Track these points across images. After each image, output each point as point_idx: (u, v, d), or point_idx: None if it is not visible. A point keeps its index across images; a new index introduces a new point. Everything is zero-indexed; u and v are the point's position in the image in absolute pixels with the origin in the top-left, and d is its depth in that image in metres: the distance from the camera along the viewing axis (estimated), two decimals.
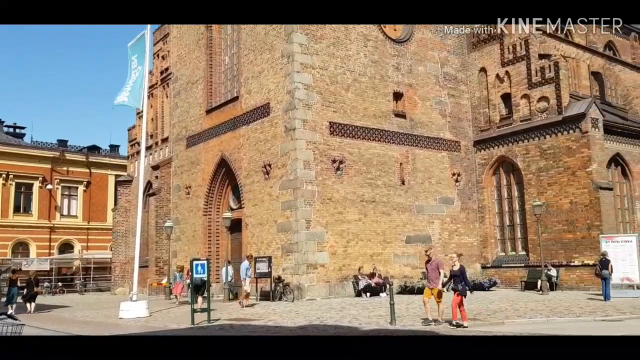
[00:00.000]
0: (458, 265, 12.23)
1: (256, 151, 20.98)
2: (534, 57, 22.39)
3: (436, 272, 12.19)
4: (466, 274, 12.36)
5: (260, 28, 21.24)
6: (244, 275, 17.60)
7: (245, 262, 18.00)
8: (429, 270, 12.46)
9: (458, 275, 12.03)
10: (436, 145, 22.78)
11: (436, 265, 12.28)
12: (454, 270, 12.18)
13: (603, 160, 21.01)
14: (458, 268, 12.14)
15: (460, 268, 12.17)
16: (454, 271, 12.19)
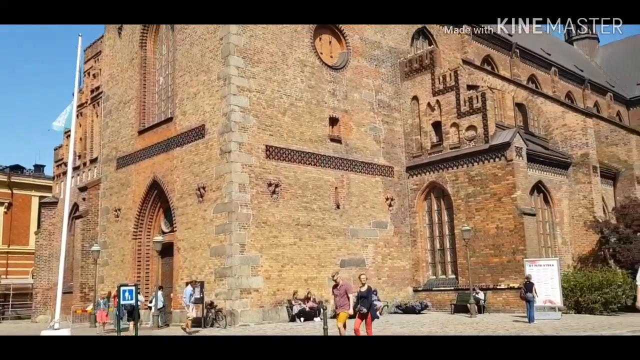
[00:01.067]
0: (366, 286, 12.02)
1: (190, 173, 20.61)
2: (463, 87, 23.41)
3: (345, 298, 11.92)
4: (372, 296, 12.20)
5: (196, 49, 21.08)
6: (188, 301, 17.43)
7: (188, 288, 17.77)
8: (337, 295, 12.17)
9: (365, 296, 11.81)
10: (370, 170, 23.21)
11: (344, 291, 12.02)
12: (362, 291, 11.96)
13: (526, 188, 22.09)
14: (365, 289, 11.93)
15: (368, 289, 11.98)
16: (361, 292, 11.96)
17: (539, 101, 27.82)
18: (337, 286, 12.18)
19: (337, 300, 12.19)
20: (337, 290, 12.20)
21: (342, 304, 11.89)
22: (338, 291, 12.12)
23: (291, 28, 21.34)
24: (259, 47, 20.23)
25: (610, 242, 23.14)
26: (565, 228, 24.94)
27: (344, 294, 11.91)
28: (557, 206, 24.76)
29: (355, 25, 23.78)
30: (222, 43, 19.79)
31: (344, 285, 12.18)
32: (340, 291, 12.05)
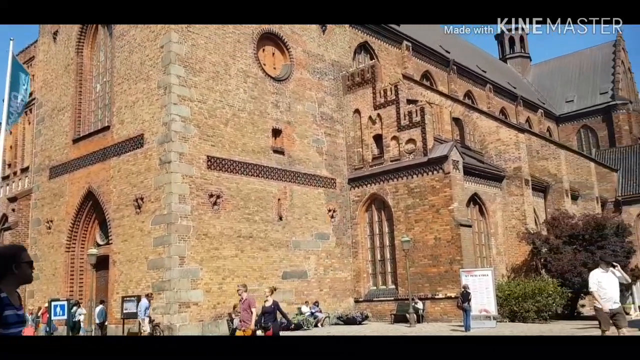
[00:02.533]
0: (271, 300, 11.40)
1: (127, 184, 20.01)
2: (403, 102, 23.97)
3: (248, 312, 11.12)
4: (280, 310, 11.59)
5: (136, 57, 20.59)
6: (143, 315, 16.86)
7: (144, 301, 17.11)
8: (241, 310, 11.43)
9: (270, 311, 11.24)
10: (313, 181, 23.31)
11: (248, 305, 11.23)
12: (267, 306, 11.33)
13: (463, 200, 22.79)
14: (271, 304, 11.33)
15: (274, 303, 11.40)
16: (266, 307, 11.33)
17: (474, 116, 28.85)
18: (242, 300, 11.44)
19: (241, 316, 11.44)
20: (241, 305, 11.46)
21: (245, 318, 11.15)
22: (242, 305, 11.38)
23: (234, 38, 21.24)
24: (201, 57, 20.00)
25: (541, 252, 24.14)
26: (500, 239, 25.87)
27: (247, 308, 11.14)
28: (491, 217, 25.67)
29: (298, 38, 23.95)
30: (163, 51, 19.43)
31: (247, 299, 11.33)
32: (243, 305, 11.30)
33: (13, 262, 3.42)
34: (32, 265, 3.56)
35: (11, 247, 3.73)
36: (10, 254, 3.50)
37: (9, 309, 3.33)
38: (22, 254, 3.50)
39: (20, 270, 3.44)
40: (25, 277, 3.50)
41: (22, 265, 3.46)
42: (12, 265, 3.41)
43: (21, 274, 3.46)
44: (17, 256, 3.46)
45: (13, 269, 3.41)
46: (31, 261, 3.56)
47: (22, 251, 3.54)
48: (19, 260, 3.45)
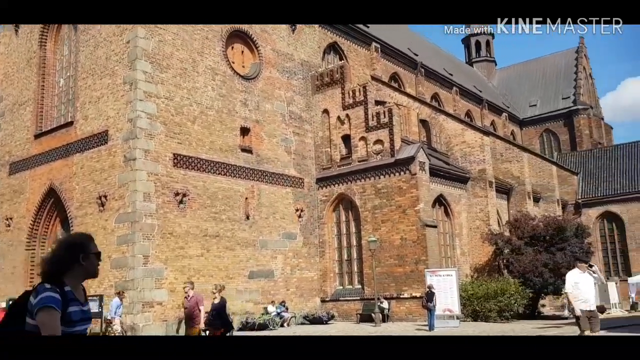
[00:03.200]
0: (219, 298, 11.10)
1: (91, 181, 19.60)
2: (371, 103, 24.16)
3: (196, 310, 10.77)
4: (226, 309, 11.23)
5: (101, 52, 20.18)
6: (114, 313, 16.16)
7: (115, 299, 16.47)
8: (187, 308, 11.05)
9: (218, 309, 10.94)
10: (281, 181, 23.26)
11: (195, 302, 10.87)
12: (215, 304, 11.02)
13: (429, 200, 23.10)
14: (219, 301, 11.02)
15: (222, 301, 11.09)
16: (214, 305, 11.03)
17: (441, 118, 29.29)
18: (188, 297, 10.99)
19: (187, 314, 10.98)
20: (187, 302, 11.00)
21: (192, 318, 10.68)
22: (188, 303, 10.92)
23: (202, 35, 21.02)
24: (169, 53, 19.73)
25: (504, 253, 24.67)
26: (464, 239, 26.31)
27: (195, 306, 10.74)
28: (456, 218, 26.09)
29: (268, 37, 23.87)
30: (129, 46, 19.10)
31: (194, 296, 10.94)
32: (190, 302, 10.86)
33: (81, 252, 3.08)
34: (99, 257, 3.21)
35: (79, 235, 3.30)
36: (78, 243, 3.14)
37: (74, 304, 3.00)
38: (91, 244, 3.17)
39: (87, 261, 3.09)
40: (92, 270, 3.15)
41: (90, 256, 3.11)
42: (80, 255, 3.07)
43: (88, 266, 3.11)
44: (85, 246, 3.13)
45: (80, 260, 3.06)
46: (99, 252, 3.21)
47: (91, 241, 3.21)
48: (88, 250, 3.11)
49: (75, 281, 3.10)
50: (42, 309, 2.85)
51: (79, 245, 3.10)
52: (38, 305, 2.86)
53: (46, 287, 2.93)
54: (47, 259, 3.08)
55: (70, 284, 3.04)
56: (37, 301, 2.88)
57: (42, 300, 2.86)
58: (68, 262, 3.04)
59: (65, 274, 3.03)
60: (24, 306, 2.94)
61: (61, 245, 3.12)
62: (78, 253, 3.07)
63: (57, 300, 2.90)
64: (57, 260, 3.05)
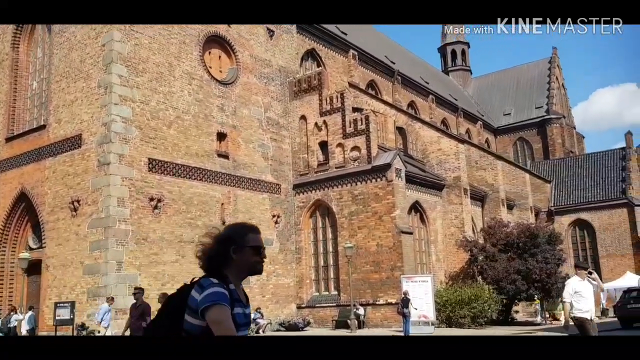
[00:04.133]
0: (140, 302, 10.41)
1: (63, 185, 19.26)
2: (349, 109, 24.26)
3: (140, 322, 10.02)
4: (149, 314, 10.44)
5: (75, 55, 19.90)
6: (100, 319, 15.13)
7: (104, 305, 15.52)
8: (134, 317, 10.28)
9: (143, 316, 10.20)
10: (258, 187, 23.18)
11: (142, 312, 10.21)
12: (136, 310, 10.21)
13: (405, 207, 23.26)
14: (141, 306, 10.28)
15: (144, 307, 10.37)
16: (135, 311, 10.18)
17: (417, 126, 29.56)
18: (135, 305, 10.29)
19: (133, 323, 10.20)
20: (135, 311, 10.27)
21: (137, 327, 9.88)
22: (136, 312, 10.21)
23: (179, 39, 20.89)
24: (145, 57, 19.55)
25: (478, 260, 24.93)
26: (439, 246, 26.54)
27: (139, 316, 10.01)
28: (432, 225, 26.30)
29: (245, 42, 23.83)
30: (105, 50, 18.88)
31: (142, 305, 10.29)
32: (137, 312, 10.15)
33: (232, 244, 2.72)
34: (260, 252, 2.80)
35: (237, 226, 2.90)
36: (231, 234, 2.76)
37: (238, 305, 2.67)
38: (247, 236, 2.77)
39: (239, 255, 2.71)
40: (248, 266, 2.76)
41: (244, 249, 2.73)
42: (231, 248, 2.71)
43: (241, 260, 2.72)
44: (239, 237, 2.74)
45: (231, 254, 2.71)
46: (258, 246, 2.80)
47: (249, 232, 2.80)
48: (241, 243, 2.73)
49: (236, 279, 2.76)
50: (214, 306, 2.53)
51: (230, 238, 2.75)
52: (207, 301, 2.54)
53: (213, 282, 2.62)
54: (206, 252, 2.76)
55: (232, 281, 2.71)
56: (205, 297, 2.55)
57: (212, 296, 2.55)
58: (222, 257, 2.72)
59: (226, 270, 2.71)
60: (183, 302, 2.64)
61: (215, 237, 2.80)
62: (228, 246, 2.73)
63: (227, 298, 2.59)
64: (214, 254, 2.73)
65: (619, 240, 35.98)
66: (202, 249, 2.76)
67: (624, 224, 35.86)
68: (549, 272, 23.64)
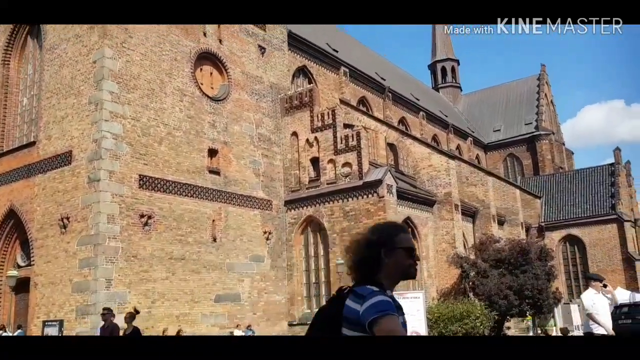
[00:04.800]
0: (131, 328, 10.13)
1: (53, 202, 19.12)
2: (340, 126, 24.36)
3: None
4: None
5: (66, 71, 19.89)
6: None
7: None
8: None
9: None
10: (249, 203, 23.12)
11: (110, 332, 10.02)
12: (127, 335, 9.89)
13: None
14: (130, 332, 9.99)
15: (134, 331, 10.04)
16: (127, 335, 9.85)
17: (408, 142, 29.72)
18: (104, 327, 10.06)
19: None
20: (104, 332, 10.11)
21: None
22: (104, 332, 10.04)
23: (171, 56, 20.95)
24: (136, 73, 19.58)
25: (469, 275, 24.94)
26: (431, 262, 26.53)
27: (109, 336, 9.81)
28: (423, 241, 26.31)
29: (237, 59, 23.94)
30: (96, 66, 18.89)
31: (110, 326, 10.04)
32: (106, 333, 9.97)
33: (383, 246, 2.51)
34: (413, 254, 2.58)
35: (385, 226, 2.69)
36: (381, 236, 2.55)
37: (400, 314, 2.47)
38: (398, 237, 2.55)
39: (391, 258, 2.50)
40: (401, 270, 2.53)
41: (396, 251, 2.51)
42: (382, 251, 2.51)
43: (394, 264, 2.50)
44: (389, 239, 2.53)
45: (383, 257, 2.51)
46: (411, 247, 2.57)
47: (399, 232, 2.58)
48: (392, 244, 2.52)
49: (390, 285, 2.54)
50: (385, 317, 2.31)
51: (380, 240, 2.54)
52: (374, 312, 2.32)
53: (374, 290, 2.41)
54: (355, 259, 2.57)
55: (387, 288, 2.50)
56: (370, 307, 2.34)
57: (379, 306, 2.33)
58: (373, 262, 2.51)
59: (378, 276, 2.50)
60: (338, 314, 2.43)
61: (363, 241, 2.60)
62: (380, 249, 2.52)
63: (394, 306, 2.38)
64: (364, 259, 2.55)
65: (609, 256, 36.16)
66: (350, 256, 2.59)
67: (613, 240, 36.07)
68: (539, 288, 23.67)
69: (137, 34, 19.80)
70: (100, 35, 18.95)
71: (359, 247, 2.58)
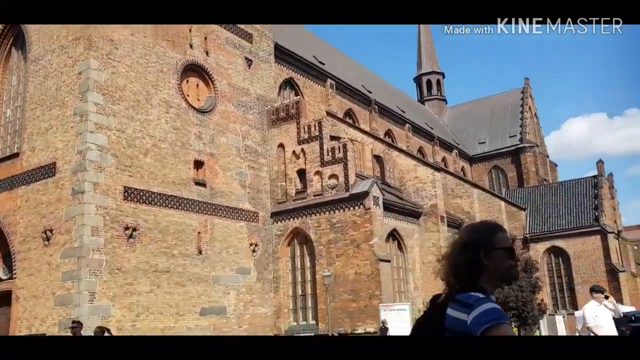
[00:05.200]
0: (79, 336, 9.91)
1: (36, 214, 18.89)
2: (326, 138, 24.43)
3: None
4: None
5: (51, 82, 19.77)
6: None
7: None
8: None
9: None
10: (235, 215, 23.03)
11: None
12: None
13: (383, 235, 23.31)
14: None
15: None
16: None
17: (394, 154, 29.86)
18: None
19: None
20: None
21: None
22: None
23: (157, 68, 20.92)
24: (122, 85, 19.50)
25: None
26: (417, 274, 26.57)
27: None
28: (409, 253, 26.38)
29: (224, 71, 23.96)
30: (81, 78, 18.79)
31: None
32: None
33: (481, 248, 2.34)
34: (513, 254, 2.41)
35: (482, 226, 2.51)
36: (478, 237, 2.38)
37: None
38: (496, 236, 2.38)
39: (491, 261, 2.33)
40: (502, 272, 2.36)
41: (496, 252, 2.34)
42: (480, 253, 2.34)
43: (494, 266, 2.33)
44: (487, 239, 2.36)
45: (482, 260, 2.34)
46: (511, 247, 2.40)
47: (497, 231, 2.41)
48: (490, 245, 2.35)
49: (491, 289, 2.36)
50: (499, 326, 2.14)
51: (478, 241, 2.37)
52: (486, 321, 2.14)
53: (480, 297, 2.24)
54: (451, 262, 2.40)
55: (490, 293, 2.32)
56: (480, 316, 2.16)
57: (490, 314, 2.16)
58: (473, 265, 2.33)
59: (479, 280, 2.32)
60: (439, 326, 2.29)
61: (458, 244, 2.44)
62: (478, 250, 2.34)
63: (505, 314, 2.20)
64: (461, 263, 2.37)
65: (594, 267, 36.44)
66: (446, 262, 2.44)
67: (597, 251, 36.37)
68: (524, 300, 23.78)
69: (123, 45, 19.76)
70: (85, 46, 18.88)
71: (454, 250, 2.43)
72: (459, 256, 2.38)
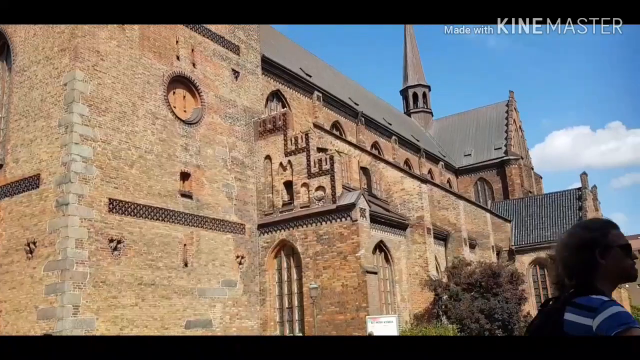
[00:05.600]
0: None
1: (19, 227, 18.64)
2: (313, 150, 24.46)
3: None
4: None
5: (36, 94, 19.61)
6: None
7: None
8: None
9: None
10: (222, 227, 22.91)
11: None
12: None
13: (370, 247, 23.31)
14: None
15: None
16: None
17: (381, 166, 29.98)
18: None
19: None
20: None
21: None
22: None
23: (143, 79, 20.86)
24: (107, 96, 19.41)
25: (442, 299, 25.03)
26: (404, 286, 26.57)
27: None
28: (396, 265, 26.39)
29: (210, 82, 23.95)
30: (66, 89, 18.67)
31: None
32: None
33: (596, 246, 2.21)
34: (630, 252, 2.23)
35: (595, 223, 2.36)
36: (592, 235, 2.24)
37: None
38: (612, 234, 2.24)
39: (608, 260, 2.20)
40: (619, 272, 2.21)
41: (612, 250, 2.20)
42: (596, 252, 2.21)
43: (612, 266, 2.20)
44: (602, 237, 2.22)
45: (598, 259, 2.20)
46: (627, 244, 2.25)
47: (611, 228, 2.26)
48: (606, 243, 2.21)
49: (610, 291, 2.22)
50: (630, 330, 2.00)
51: (593, 239, 2.23)
52: (616, 326, 2.01)
53: (604, 300, 2.10)
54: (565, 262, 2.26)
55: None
56: (608, 320, 2.03)
57: (619, 318, 2.02)
58: (589, 266, 2.21)
59: (595, 281, 2.19)
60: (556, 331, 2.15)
61: (571, 243, 2.29)
62: (594, 249, 2.21)
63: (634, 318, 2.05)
64: (576, 264, 2.24)
65: None
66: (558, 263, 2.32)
67: None
68: (510, 312, 23.87)
69: (109, 56, 19.69)
70: (71, 57, 18.79)
71: (568, 250, 2.29)
72: (573, 257, 2.26)
